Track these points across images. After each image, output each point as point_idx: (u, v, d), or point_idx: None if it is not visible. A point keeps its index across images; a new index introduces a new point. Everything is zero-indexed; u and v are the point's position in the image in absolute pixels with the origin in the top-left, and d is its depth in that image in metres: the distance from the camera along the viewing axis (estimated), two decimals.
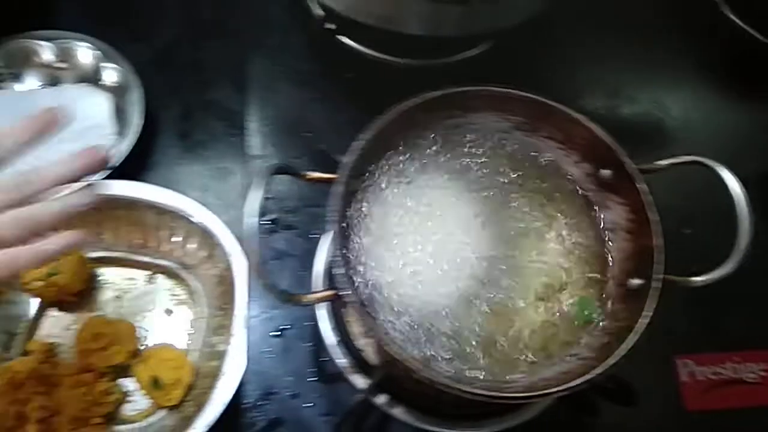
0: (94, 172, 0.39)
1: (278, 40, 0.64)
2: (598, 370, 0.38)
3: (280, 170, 0.42)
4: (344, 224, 0.44)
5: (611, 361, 0.38)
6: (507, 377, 0.42)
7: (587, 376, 0.38)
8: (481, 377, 0.42)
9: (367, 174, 0.46)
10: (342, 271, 0.40)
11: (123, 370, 0.58)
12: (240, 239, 0.60)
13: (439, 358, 0.42)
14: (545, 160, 0.49)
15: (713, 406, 0.53)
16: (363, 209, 0.46)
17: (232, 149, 0.69)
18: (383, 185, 0.47)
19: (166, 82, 0.70)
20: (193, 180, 0.66)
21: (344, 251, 0.42)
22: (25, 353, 0.58)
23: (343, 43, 0.61)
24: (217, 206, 0.64)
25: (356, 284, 0.43)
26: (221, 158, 0.68)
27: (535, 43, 0.63)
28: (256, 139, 0.59)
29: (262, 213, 0.56)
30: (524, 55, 0.63)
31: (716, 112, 0.65)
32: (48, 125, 0.39)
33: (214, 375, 0.56)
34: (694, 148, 0.45)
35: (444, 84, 0.46)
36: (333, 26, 0.59)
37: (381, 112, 0.45)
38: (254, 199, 0.40)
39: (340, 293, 0.39)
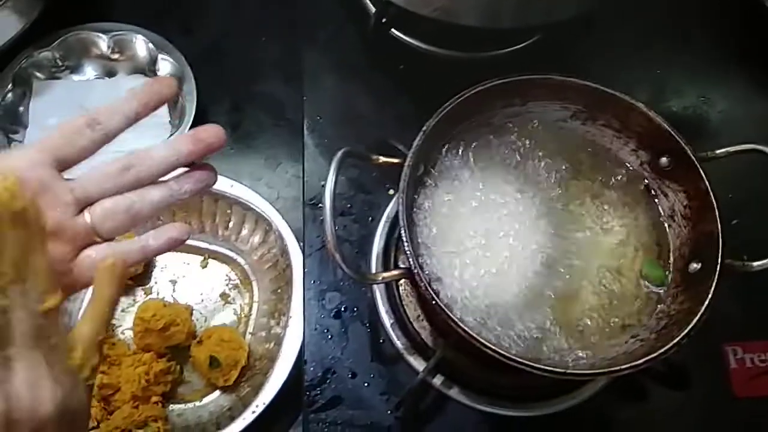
0: (203, 155, 0.35)
1: (330, 33, 0.66)
2: (663, 350, 0.39)
3: (350, 155, 0.44)
4: (411, 207, 0.45)
5: (676, 340, 0.39)
6: (569, 357, 0.43)
7: (653, 355, 0.39)
8: (545, 355, 0.43)
9: (430, 160, 0.48)
10: (410, 250, 0.41)
11: (180, 351, 0.60)
12: (291, 225, 0.62)
13: (503, 340, 0.44)
14: (602, 148, 0.50)
15: (762, 393, 0.53)
16: (425, 194, 0.47)
17: (280, 139, 0.71)
18: (444, 171, 0.48)
19: (215, 74, 0.72)
20: (244, 169, 0.68)
21: (411, 233, 0.44)
22: None
23: (394, 36, 0.63)
24: (268, 194, 0.66)
25: (423, 265, 0.44)
26: (270, 148, 0.70)
27: (582, 36, 0.64)
28: (310, 130, 0.60)
29: (319, 200, 0.59)
30: (571, 49, 0.64)
31: (761, 104, 0.66)
32: (157, 96, 0.34)
33: (269, 357, 0.58)
34: (741, 141, 0.47)
35: (492, 76, 0.47)
36: (386, 19, 0.61)
37: (431, 104, 0.46)
38: (330, 183, 0.41)
39: (412, 271, 0.41)
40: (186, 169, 0.36)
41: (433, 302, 0.40)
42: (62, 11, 0.70)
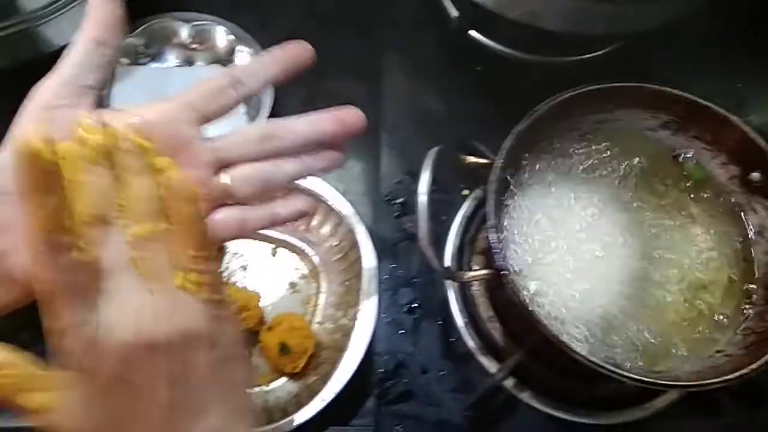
0: (343, 138, 0.34)
1: (408, 33, 0.67)
2: (755, 366, 0.39)
3: (443, 153, 0.44)
4: (500, 209, 0.45)
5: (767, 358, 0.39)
6: (654, 368, 0.43)
7: (743, 371, 0.39)
8: (628, 366, 0.43)
9: (516, 163, 0.48)
10: (499, 250, 0.42)
11: (248, 336, 0.61)
12: (364, 219, 0.63)
13: (584, 346, 0.44)
14: (690, 161, 0.50)
15: None
16: (509, 197, 0.48)
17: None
18: (528, 175, 0.49)
19: None
20: None
21: (501, 234, 0.44)
22: None
23: (473, 37, 0.63)
24: (338, 187, 0.67)
25: (510, 267, 0.44)
26: None
27: (662, 45, 0.64)
28: (386, 128, 0.61)
29: (394, 197, 0.59)
30: (650, 57, 0.64)
31: None
32: (295, 63, 0.33)
33: (335, 347, 0.59)
34: None
35: (570, 82, 0.47)
36: (466, 21, 0.61)
37: (508, 106, 0.46)
38: (424, 179, 0.42)
39: (501, 272, 0.41)
40: None
41: (522, 306, 0.40)
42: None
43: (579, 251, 0.46)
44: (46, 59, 0.61)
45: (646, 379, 0.38)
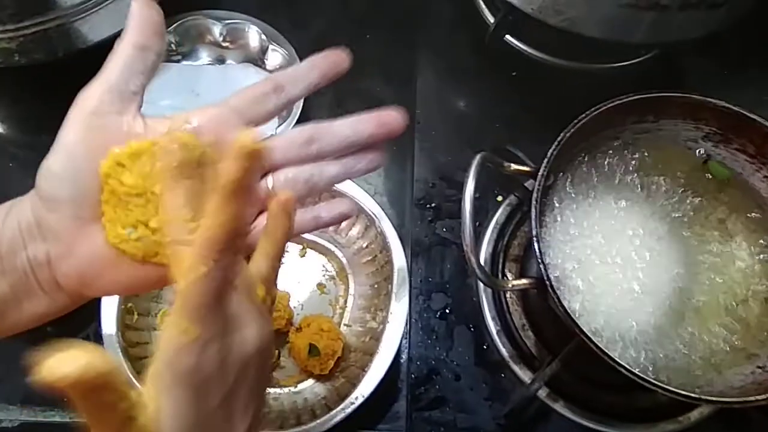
0: (383, 140, 0.34)
1: (443, 36, 0.66)
2: None
3: (486, 160, 0.44)
4: (542, 218, 0.45)
5: None
6: (694, 382, 0.42)
7: None
8: (667, 379, 0.43)
9: (557, 171, 0.48)
10: (542, 261, 0.41)
11: (277, 337, 0.61)
12: (393, 222, 0.63)
13: (623, 358, 0.43)
14: (732, 173, 0.49)
15: None
16: (550, 206, 0.47)
17: None
18: (569, 184, 0.48)
19: None
20: None
21: (542, 243, 0.44)
22: None
23: (508, 42, 0.63)
24: (368, 189, 0.67)
25: (551, 277, 0.44)
26: None
27: (701, 53, 0.63)
28: (420, 132, 0.61)
29: (428, 201, 0.59)
30: (689, 66, 0.63)
31: None
32: (335, 68, 0.34)
33: (364, 350, 0.59)
34: None
35: (608, 89, 0.47)
36: (502, 26, 0.61)
37: (544, 112, 0.46)
38: (470, 186, 0.42)
39: (543, 282, 0.41)
40: None
41: (565, 316, 0.40)
42: None
43: (619, 262, 0.46)
44: (81, 55, 0.61)
45: (689, 394, 0.38)
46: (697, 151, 0.49)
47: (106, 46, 0.30)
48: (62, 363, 0.20)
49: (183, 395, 0.25)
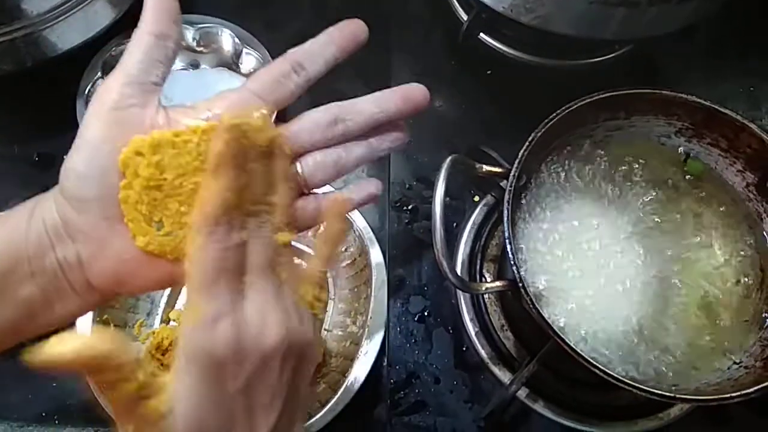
0: (409, 115, 0.33)
1: (416, 36, 0.66)
2: None
3: (457, 162, 0.44)
4: (515, 218, 0.45)
5: None
6: (672, 381, 0.42)
7: (765, 384, 0.38)
8: (645, 377, 0.42)
9: (529, 171, 0.47)
10: (515, 262, 0.41)
11: None
12: (371, 224, 0.62)
13: (600, 358, 0.43)
14: (705, 167, 0.49)
15: None
16: (522, 207, 0.47)
17: None
18: (541, 183, 0.48)
19: None
20: None
21: (515, 245, 0.43)
22: (167, 321, 0.61)
23: (483, 40, 0.62)
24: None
25: (524, 279, 0.44)
26: None
27: (674, 48, 0.63)
28: None
29: (404, 203, 0.59)
30: (661, 60, 0.63)
31: None
32: (354, 40, 0.32)
33: (345, 355, 0.58)
34: None
35: (581, 85, 0.46)
36: (476, 24, 0.60)
37: (519, 110, 0.45)
38: (440, 190, 0.41)
39: (517, 284, 0.41)
40: None
41: (538, 317, 0.40)
42: None
43: (593, 261, 0.46)
44: (51, 64, 0.60)
45: (664, 393, 0.38)
46: (679, 149, 0.49)
47: (75, 55, 0.29)
48: (60, 343, 0.20)
49: (196, 374, 0.25)
